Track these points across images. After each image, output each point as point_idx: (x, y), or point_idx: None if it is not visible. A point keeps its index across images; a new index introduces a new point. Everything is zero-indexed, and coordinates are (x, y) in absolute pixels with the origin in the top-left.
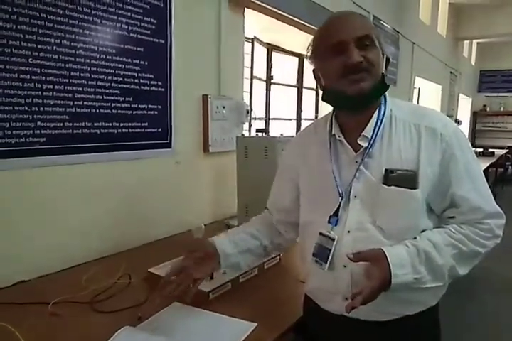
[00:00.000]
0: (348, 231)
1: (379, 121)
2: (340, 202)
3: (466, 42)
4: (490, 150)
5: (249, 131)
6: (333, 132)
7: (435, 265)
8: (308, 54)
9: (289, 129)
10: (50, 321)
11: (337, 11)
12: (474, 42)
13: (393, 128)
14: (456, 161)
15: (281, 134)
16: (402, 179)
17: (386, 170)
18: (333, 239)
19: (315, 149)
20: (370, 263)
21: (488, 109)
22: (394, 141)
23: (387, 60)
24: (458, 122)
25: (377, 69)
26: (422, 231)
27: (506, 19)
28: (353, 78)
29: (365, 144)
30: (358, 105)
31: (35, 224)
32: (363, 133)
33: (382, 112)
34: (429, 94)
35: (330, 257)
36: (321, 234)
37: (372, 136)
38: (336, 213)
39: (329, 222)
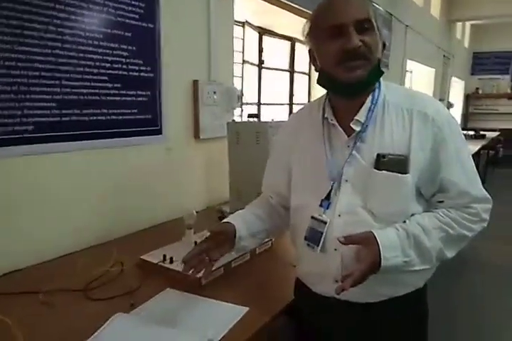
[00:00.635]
0: (339, 215)
1: (372, 106)
2: (331, 186)
3: (459, 24)
4: (481, 132)
5: (241, 116)
6: (325, 115)
7: (423, 248)
8: (305, 33)
9: (281, 114)
10: (43, 310)
11: None
12: (467, 24)
13: (386, 113)
14: (447, 146)
15: (273, 119)
16: (394, 164)
17: (378, 154)
18: (325, 223)
19: (308, 132)
20: (361, 246)
21: (480, 92)
22: (386, 126)
23: (384, 44)
24: (450, 105)
25: (374, 55)
26: (412, 215)
27: (499, 0)
28: (350, 65)
29: (357, 128)
30: (353, 91)
31: (23, 213)
32: (355, 118)
33: (375, 96)
34: (421, 77)
35: (322, 240)
36: (312, 217)
37: (365, 121)
38: (328, 197)
39: (321, 205)
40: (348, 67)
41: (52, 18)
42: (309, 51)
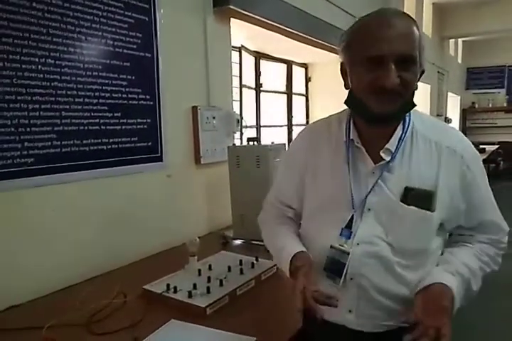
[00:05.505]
0: (358, 244)
1: (403, 135)
2: (353, 214)
3: (452, 40)
4: (481, 146)
5: (241, 139)
6: (351, 137)
7: (470, 292)
8: (341, 45)
9: (280, 136)
10: None
11: (385, 9)
12: (460, 40)
13: (414, 143)
14: (479, 186)
15: (272, 142)
16: (421, 198)
17: (406, 188)
18: (348, 253)
19: (327, 151)
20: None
21: (476, 106)
22: (414, 157)
23: (422, 71)
24: (448, 120)
25: (409, 91)
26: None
27: (489, 16)
28: (382, 98)
29: (387, 158)
30: (382, 122)
31: (24, 246)
32: (387, 146)
33: (406, 125)
34: (417, 93)
35: (344, 271)
36: (332, 247)
37: (395, 150)
38: (349, 225)
39: (341, 234)
40: (380, 100)
41: (49, 51)
42: (341, 64)
